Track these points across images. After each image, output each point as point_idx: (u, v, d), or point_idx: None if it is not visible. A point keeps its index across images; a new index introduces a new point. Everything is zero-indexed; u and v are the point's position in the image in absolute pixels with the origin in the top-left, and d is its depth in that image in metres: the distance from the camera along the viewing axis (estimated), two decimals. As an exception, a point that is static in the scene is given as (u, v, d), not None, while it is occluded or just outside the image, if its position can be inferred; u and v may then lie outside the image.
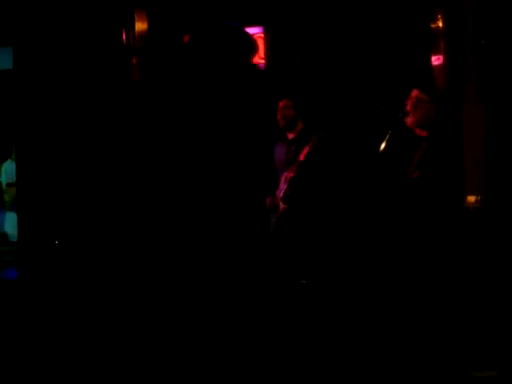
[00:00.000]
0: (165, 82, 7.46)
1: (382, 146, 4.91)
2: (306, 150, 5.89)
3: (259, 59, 7.44)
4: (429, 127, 4.83)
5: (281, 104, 6.12)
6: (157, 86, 7.51)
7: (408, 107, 4.90)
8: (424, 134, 4.85)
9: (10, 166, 9.51)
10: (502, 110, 6.16)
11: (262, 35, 7.45)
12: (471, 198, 5.81)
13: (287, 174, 6.01)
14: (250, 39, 7.43)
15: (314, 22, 7.09)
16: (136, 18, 7.48)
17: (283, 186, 6.03)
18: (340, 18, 6.95)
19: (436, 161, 4.67)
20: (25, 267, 7.01)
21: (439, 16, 6.46)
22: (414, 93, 4.90)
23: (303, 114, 6.18)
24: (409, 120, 4.86)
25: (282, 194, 6.01)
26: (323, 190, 6.03)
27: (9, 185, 9.66)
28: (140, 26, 7.49)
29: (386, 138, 4.91)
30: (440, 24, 6.46)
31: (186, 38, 7.39)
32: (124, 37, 7.50)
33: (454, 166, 4.76)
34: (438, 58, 6.47)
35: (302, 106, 6.19)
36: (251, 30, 7.35)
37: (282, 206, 6.03)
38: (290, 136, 6.18)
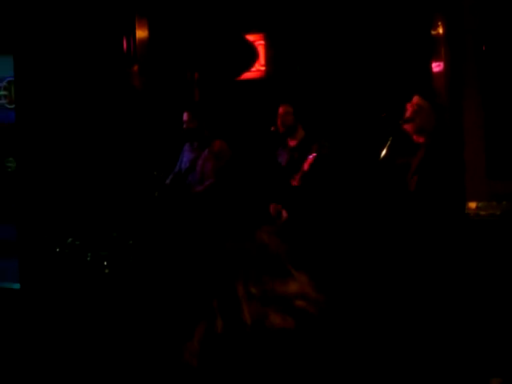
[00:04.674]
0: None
1: (383, 152, 4.90)
2: (309, 160, 5.84)
3: (259, 66, 7.45)
4: (427, 133, 4.82)
5: (281, 110, 6.08)
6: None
7: (408, 113, 4.88)
8: (421, 140, 4.83)
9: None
10: (503, 116, 6.17)
11: (263, 42, 7.45)
12: (472, 205, 5.80)
13: (293, 183, 5.97)
14: (251, 46, 7.46)
15: (314, 28, 7.09)
16: (137, 25, 7.49)
17: None
18: (341, 24, 6.96)
19: (434, 167, 4.66)
20: (26, 277, 7.00)
21: (439, 23, 6.46)
22: (415, 99, 4.88)
23: (304, 121, 6.17)
24: (408, 126, 4.85)
25: None
26: (326, 199, 6.01)
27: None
28: (141, 33, 7.50)
29: (387, 145, 4.89)
30: (440, 31, 6.46)
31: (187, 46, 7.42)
32: (125, 44, 7.51)
33: (453, 172, 4.74)
34: (439, 65, 6.47)
35: (302, 113, 6.18)
36: (252, 37, 7.37)
37: (285, 214, 6.01)
38: (292, 143, 6.16)
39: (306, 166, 5.85)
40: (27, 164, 7.39)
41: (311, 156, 5.82)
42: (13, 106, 7.70)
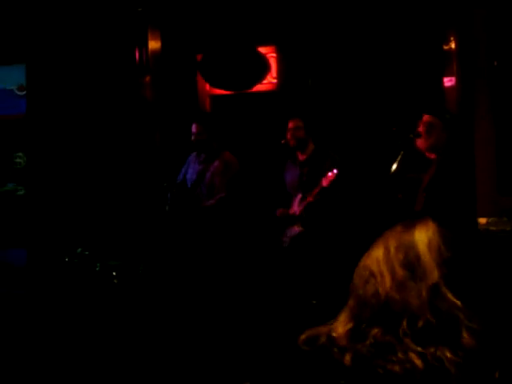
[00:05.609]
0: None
1: (394, 167, 4.87)
2: (329, 177, 5.75)
3: (271, 79, 7.45)
4: (438, 150, 4.79)
5: (291, 124, 6.02)
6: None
7: (420, 130, 4.85)
8: (432, 156, 4.81)
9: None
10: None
11: (275, 55, 7.46)
12: (482, 220, 5.78)
13: (308, 198, 5.91)
14: (263, 59, 7.47)
15: (326, 41, 7.09)
16: (150, 36, 7.51)
17: (297, 208, 5.97)
18: (353, 39, 6.96)
19: (446, 183, 4.63)
20: (34, 284, 7.02)
21: (452, 38, 6.46)
22: (426, 118, 4.83)
23: (314, 134, 6.13)
24: (420, 143, 4.81)
25: (297, 215, 5.95)
26: (340, 214, 5.97)
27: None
28: (153, 44, 7.52)
29: (398, 159, 4.86)
30: (452, 46, 6.46)
31: (199, 57, 7.44)
32: (137, 55, 7.54)
33: (464, 188, 4.72)
34: (451, 80, 6.47)
35: (313, 127, 6.15)
36: (264, 50, 7.38)
37: (297, 228, 5.96)
38: (301, 157, 6.10)
39: (325, 182, 5.76)
40: (38, 161, 7.38)
41: (332, 172, 5.72)
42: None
